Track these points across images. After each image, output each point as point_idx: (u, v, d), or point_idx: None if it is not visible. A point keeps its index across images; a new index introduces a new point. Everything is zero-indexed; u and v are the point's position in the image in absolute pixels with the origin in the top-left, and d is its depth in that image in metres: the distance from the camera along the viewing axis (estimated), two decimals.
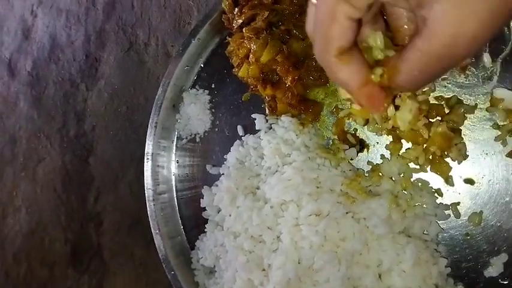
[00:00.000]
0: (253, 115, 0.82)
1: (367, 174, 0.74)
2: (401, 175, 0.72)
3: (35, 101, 1.13)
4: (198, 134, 0.87)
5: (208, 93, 0.87)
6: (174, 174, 0.88)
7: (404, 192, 0.72)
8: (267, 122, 0.81)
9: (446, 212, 0.70)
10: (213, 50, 0.87)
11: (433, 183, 0.71)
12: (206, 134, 0.87)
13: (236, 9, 0.78)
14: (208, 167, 0.85)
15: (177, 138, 0.89)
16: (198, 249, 0.83)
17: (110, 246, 1.02)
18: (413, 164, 0.72)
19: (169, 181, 0.88)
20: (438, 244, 0.71)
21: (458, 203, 0.70)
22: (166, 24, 1.00)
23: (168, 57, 0.99)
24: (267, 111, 0.81)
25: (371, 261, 0.69)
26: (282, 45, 0.75)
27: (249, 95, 0.83)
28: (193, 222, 0.86)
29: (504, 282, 0.67)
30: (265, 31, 0.76)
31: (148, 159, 0.86)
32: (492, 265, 0.68)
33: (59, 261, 1.06)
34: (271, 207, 0.73)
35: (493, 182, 0.68)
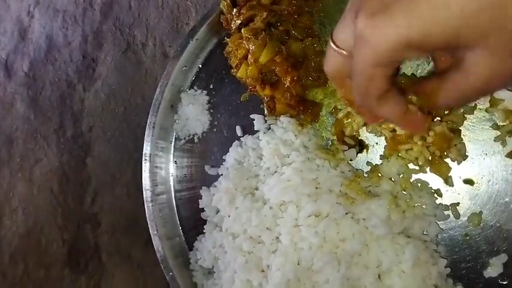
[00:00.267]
0: (251, 116, 0.81)
1: (367, 175, 0.74)
2: (400, 176, 0.72)
3: (32, 101, 1.12)
4: (196, 134, 0.87)
5: (207, 94, 0.87)
6: (172, 175, 0.88)
7: (404, 192, 0.72)
8: (266, 122, 0.81)
9: (446, 213, 0.70)
10: (212, 51, 0.87)
11: (432, 184, 0.71)
12: (204, 135, 0.87)
13: (234, 10, 0.78)
14: (207, 168, 0.85)
15: (175, 139, 0.89)
16: (197, 250, 0.83)
17: (107, 247, 1.01)
18: (413, 165, 0.72)
19: (168, 182, 0.88)
20: (438, 244, 0.71)
21: (458, 204, 0.70)
22: (164, 24, 1.00)
23: (165, 57, 0.99)
24: (266, 112, 0.81)
25: (370, 262, 0.69)
26: (281, 46, 0.75)
27: (248, 96, 0.83)
28: (191, 223, 0.86)
29: (503, 283, 0.67)
30: (264, 32, 0.75)
31: (146, 160, 0.85)
32: (491, 265, 0.68)
33: (56, 262, 1.05)
34: (270, 208, 0.73)
35: (492, 183, 0.69)
